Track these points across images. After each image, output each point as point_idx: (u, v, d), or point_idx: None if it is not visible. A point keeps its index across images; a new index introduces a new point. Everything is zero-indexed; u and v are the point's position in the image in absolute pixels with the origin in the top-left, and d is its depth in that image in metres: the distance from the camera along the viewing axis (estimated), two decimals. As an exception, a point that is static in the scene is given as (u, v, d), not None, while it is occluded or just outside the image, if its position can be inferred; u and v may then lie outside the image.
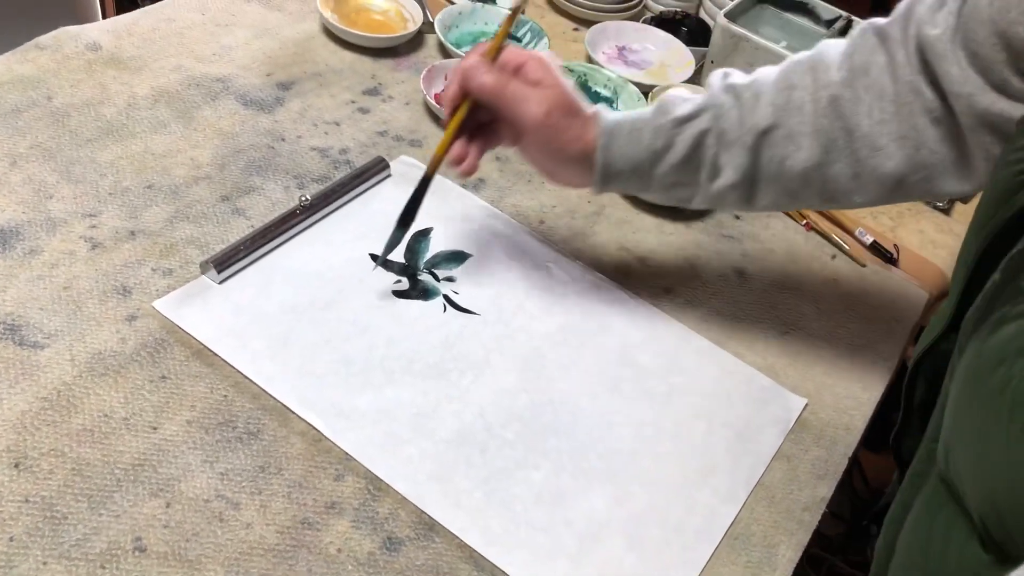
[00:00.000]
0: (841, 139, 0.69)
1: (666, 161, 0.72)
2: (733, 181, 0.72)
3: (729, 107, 0.71)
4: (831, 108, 0.69)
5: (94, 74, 0.93)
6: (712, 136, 0.71)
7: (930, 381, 0.69)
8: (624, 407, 0.75)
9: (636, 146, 0.72)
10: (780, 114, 0.70)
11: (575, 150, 0.72)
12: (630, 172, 0.73)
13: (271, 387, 0.69)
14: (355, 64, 1.04)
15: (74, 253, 0.75)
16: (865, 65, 0.68)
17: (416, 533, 0.64)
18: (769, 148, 0.70)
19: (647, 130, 0.71)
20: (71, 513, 0.60)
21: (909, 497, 0.62)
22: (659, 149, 0.71)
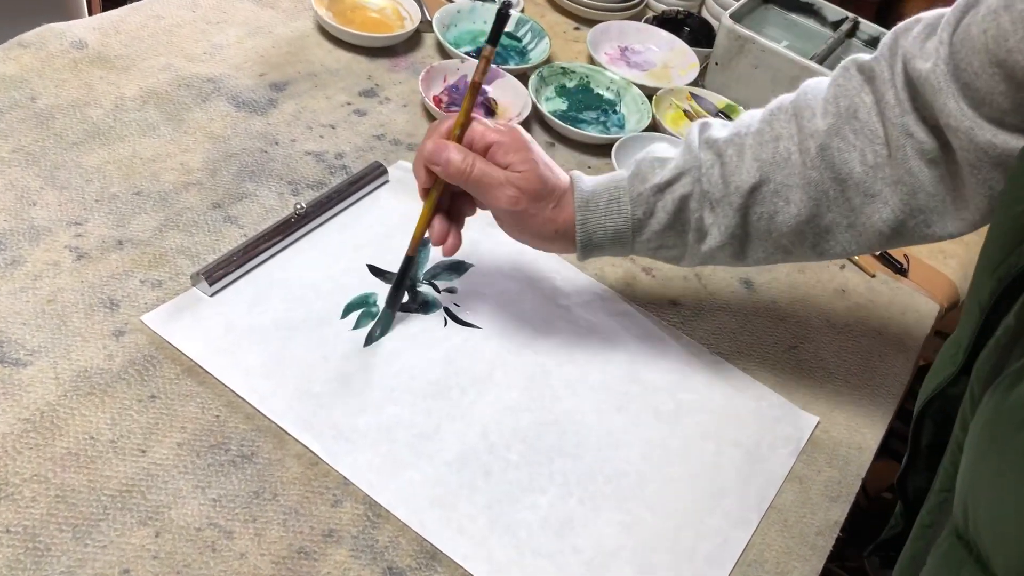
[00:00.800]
0: (832, 190, 0.66)
1: (648, 228, 0.69)
2: (722, 242, 0.69)
3: (710, 166, 0.67)
4: (820, 158, 0.65)
5: (80, 74, 0.89)
6: (694, 200, 0.68)
7: (938, 423, 0.66)
8: (631, 426, 0.72)
9: (615, 216, 0.69)
10: (766, 169, 0.66)
11: (550, 231, 0.70)
12: (612, 242, 0.70)
13: (266, 407, 0.66)
14: (351, 64, 1.01)
15: (58, 264, 0.72)
16: (852, 108, 0.64)
17: (417, 563, 0.61)
18: (758, 205, 0.67)
19: (625, 200, 0.69)
20: (55, 544, 0.57)
21: (919, 550, 0.60)
22: (640, 217, 0.69)
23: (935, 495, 0.59)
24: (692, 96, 1.07)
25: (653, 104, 1.02)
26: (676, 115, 1.05)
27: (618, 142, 0.94)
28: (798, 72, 1.06)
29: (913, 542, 0.61)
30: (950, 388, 0.62)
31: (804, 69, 1.05)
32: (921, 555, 0.57)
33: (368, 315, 0.75)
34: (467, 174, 0.66)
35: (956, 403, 0.62)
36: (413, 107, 0.97)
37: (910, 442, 0.68)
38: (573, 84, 1.05)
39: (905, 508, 0.71)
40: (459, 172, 0.66)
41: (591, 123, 1.01)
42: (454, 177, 0.67)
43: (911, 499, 0.70)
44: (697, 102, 1.06)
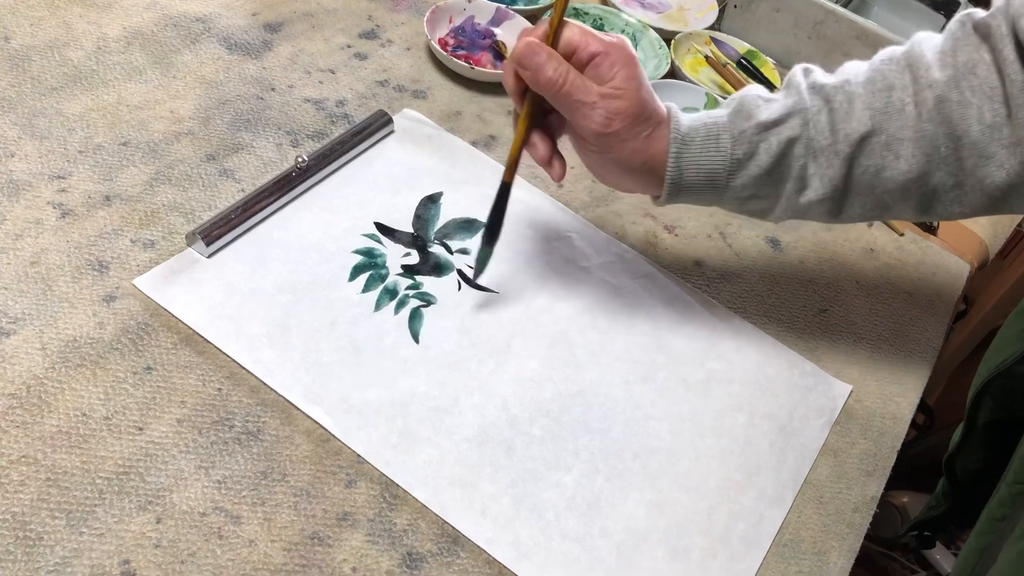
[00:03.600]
0: (945, 147, 0.59)
1: (747, 172, 0.62)
2: (822, 195, 0.62)
3: (818, 110, 0.61)
4: (937, 111, 0.59)
5: (57, 11, 0.82)
6: (801, 145, 0.61)
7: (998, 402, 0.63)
8: (659, 399, 0.68)
9: (713, 155, 0.61)
10: (879, 119, 0.60)
11: (637, 163, 0.62)
12: (704, 184, 0.63)
13: (271, 379, 0.62)
14: (350, 3, 0.94)
15: (41, 222, 0.66)
16: (971, 63, 0.58)
17: (439, 547, 0.57)
18: (865, 158, 0.60)
19: (725, 136, 0.61)
20: (47, 532, 0.52)
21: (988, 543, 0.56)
22: (740, 158, 0.61)
23: (1008, 487, 0.56)
24: (712, 41, 1.01)
25: (671, 49, 0.96)
26: (696, 61, 1.00)
27: (637, 90, 0.88)
28: (823, 16, 1.00)
29: (980, 535, 0.57)
30: (1018, 366, 0.58)
31: (829, 13, 1.00)
32: (991, 550, 0.54)
33: (377, 277, 0.70)
34: (559, 85, 0.59)
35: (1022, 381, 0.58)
36: (417, 50, 0.91)
37: (966, 420, 0.64)
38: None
39: (951, 488, 0.68)
40: (550, 82, 0.59)
41: (606, 69, 0.95)
42: (544, 87, 0.59)
43: (959, 478, 0.67)
44: (718, 47, 1.00)
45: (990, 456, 0.66)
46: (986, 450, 0.66)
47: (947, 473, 0.68)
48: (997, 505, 0.57)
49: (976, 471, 0.68)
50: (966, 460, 0.67)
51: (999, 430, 0.64)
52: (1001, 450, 0.62)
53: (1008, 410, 0.62)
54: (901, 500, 1.51)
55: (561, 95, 0.59)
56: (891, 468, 0.70)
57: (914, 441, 1.58)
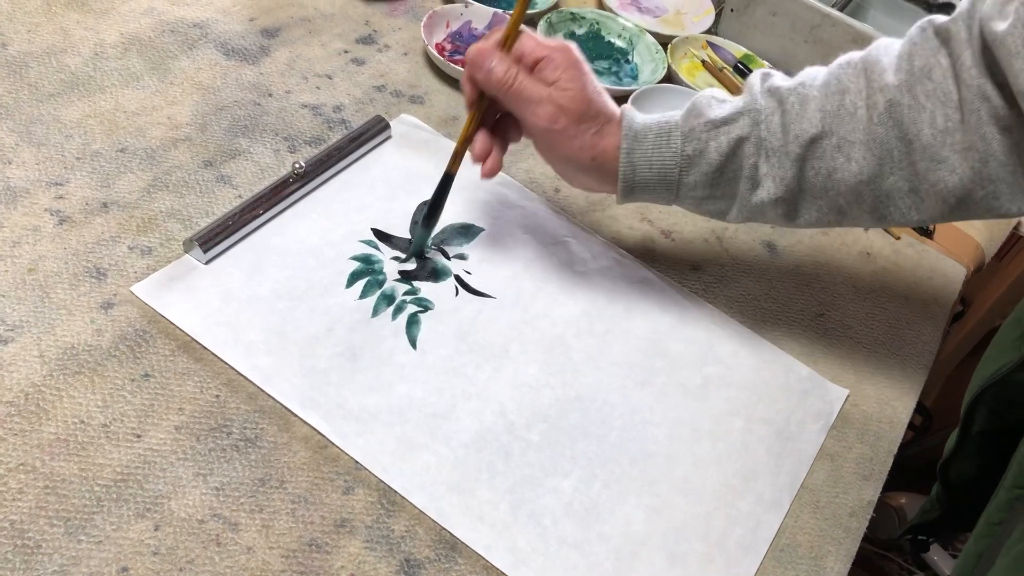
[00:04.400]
0: (897, 150, 0.60)
1: (698, 169, 0.64)
2: (775, 195, 0.63)
3: (771, 112, 0.62)
4: (888, 115, 0.60)
5: (54, 18, 0.82)
6: (751, 144, 0.63)
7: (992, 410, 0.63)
8: (657, 403, 0.68)
9: (664, 151, 0.64)
10: (830, 121, 0.61)
11: (585, 159, 0.65)
12: (657, 181, 0.65)
13: (269, 386, 0.62)
14: (346, 8, 0.94)
15: (39, 229, 0.66)
16: (927, 68, 0.59)
17: (436, 554, 0.57)
18: (817, 159, 0.62)
19: (676, 134, 0.64)
20: (45, 540, 0.52)
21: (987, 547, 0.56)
22: (690, 155, 0.63)
23: (1006, 491, 0.56)
24: (708, 45, 1.01)
25: (668, 53, 0.96)
26: (692, 65, 1.00)
27: (634, 94, 0.89)
28: (819, 20, 1.01)
29: (978, 539, 0.57)
30: (1013, 375, 0.58)
31: (825, 17, 1.00)
32: (989, 554, 0.54)
33: (375, 283, 0.70)
34: (507, 85, 0.63)
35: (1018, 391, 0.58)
36: (415, 56, 0.91)
37: (960, 427, 0.64)
38: (583, 31, 0.99)
39: (945, 494, 0.68)
40: (500, 82, 0.63)
41: (603, 74, 0.96)
42: (495, 87, 0.63)
43: (953, 483, 0.68)
44: (714, 51, 1.00)
45: (985, 463, 0.66)
46: (981, 457, 0.66)
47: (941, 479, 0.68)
48: (995, 510, 0.57)
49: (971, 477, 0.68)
50: (961, 467, 0.67)
51: (994, 437, 0.65)
52: (996, 457, 0.62)
53: (1003, 418, 0.63)
54: (899, 501, 1.51)
55: (511, 93, 0.63)
56: (888, 472, 0.70)
57: (912, 442, 1.58)
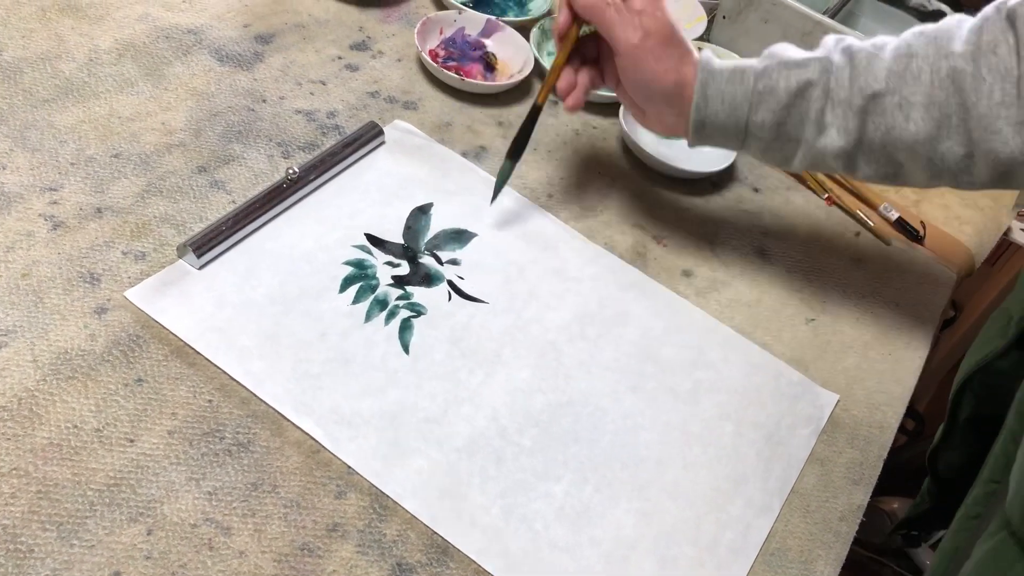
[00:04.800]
0: (956, 116, 0.62)
1: (767, 105, 0.66)
2: (838, 145, 0.66)
3: (841, 65, 0.65)
4: (950, 81, 0.62)
5: (49, 24, 0.83)
6: (819, 89, 0.65)
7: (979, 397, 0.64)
8: (648, 408, 0.69)
9: (737, 86, 0.67)
10: (894, 80, 0.64)
11: (668, 82, 0.68)
12: (727, 116, 0.68)
13: (262, 391, 0.62)
14: (340, 14, 0.95)
15: (33, 234, 0.67)
16: (993, 43, 0.61)
17: (428, 558, 0.58)
18: (878, 115, 0.64)
19: (750, 72, 0.67)
20: (38, 544, 0.52)
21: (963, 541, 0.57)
22: (761, 91, 0.66)
23: (982, 485, 0.57)
24: (700, 52, 1.02)
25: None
26: (684, 72, 1.00)
27: (626, 101, 0.89)
28: (811, 27, 1.01)
29: (955, 534, 0.58)
30: (997, 361, 0.59)
31: (817, 24, 1.00)
32: (965, 547, 0.55)
33: (368, 288, 0.70)
34: (602, 7, 0.68)
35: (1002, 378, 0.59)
36: (408, 62, 0.92)
37: (947, 416, 0.65)
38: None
39: (935, 486, 0.69)
40: (595, 4, 0.68)
41: (595, 80, 0.96)
42: (590, 8, 0.69)
43: (942, 475, 0.68)
44: (706, 58, 1.01)
45: (970, 452, 0.67)
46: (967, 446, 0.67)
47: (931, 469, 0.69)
48: (972, 503, 0.58)
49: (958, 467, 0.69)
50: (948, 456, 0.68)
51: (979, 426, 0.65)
52: (980, 446, 0.63)
53: (988, 405, 0.64)
54: (891, 506, 1.51)
55: (606, 14, 0.68)
56: (878, 477, 0.71)
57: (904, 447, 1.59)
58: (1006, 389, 0.61)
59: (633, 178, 0.88)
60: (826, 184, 0.92)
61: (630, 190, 0.86)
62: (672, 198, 0.87)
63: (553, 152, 0.87)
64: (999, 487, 0.55)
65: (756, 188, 0.91)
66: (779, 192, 0.92)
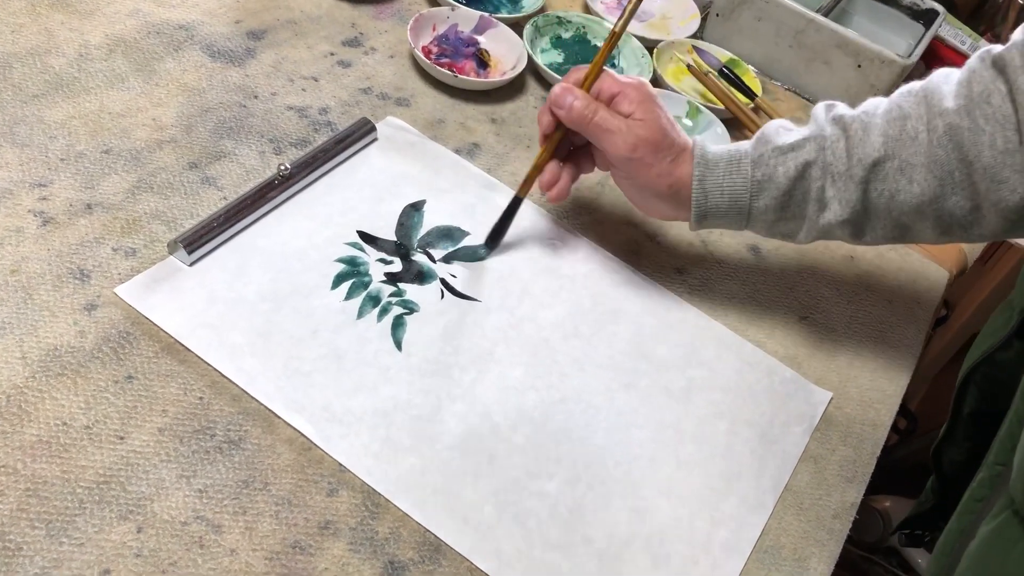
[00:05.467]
0: (958, 172, 0.62)
1: (767, 193, 0.67)
2: (842, 217, 0.66)
3: (836, 139, 0.66)
4: (947, 138, 0.62)
5: (38, 18, 0.82)
6: (817, 168, 0.66)
7: (983, 391, 0.64)
8: (641, 406, 0.69)
9: (735, 177, 0.67)
10: (892, 145, 0.64)
11: (664, 186, 0.69)
12: (728, 206, 0.68)
13: (253, 388, 0.62)
14: (333, 11, 0.94)
15: (22, 230, 0.66)
16: (985, 94, 0.61)
17: (420, 556, 0.57)
18: (880, 182, 0.65)
19: (746, 161, 0.67)
20: (27, 542, 0.52)
21: (968, 523, 0.57)
22: (760, 179, 0.67)
23: (988, 468, 0.58)
24: (694, 49, 1.02)
25: (654, 57, 0.96)
26: (678, 69, 1.00)
27: (619, 99, 0.89)
28: (803, 25, 1.01)
29: (961, 516, 0.59)
30: (1000, 353, 0.60)
31: (810, 22, 1.01)
32: (970, 529, 0.55)
33: (360, 285, 0.70)
34: (588, 119, 0.67)
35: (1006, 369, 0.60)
36: (401, 58, 0.91)
37: (951, 411, 0.66)
38: (569, 35, 0.99)
39: (939, 482, 0.69)
40: (581, 116, 0.68)
41: (589, 77, 0.96)
42: (576, 121, 0.68)
43: (947, 472, 0.68)
44: (699, 55, 1.01)
45: (974, 447, 0.67)
46: (970, 441, 0.67)
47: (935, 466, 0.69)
48: (978, 486, 0.58)
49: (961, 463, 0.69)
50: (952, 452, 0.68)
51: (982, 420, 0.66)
52: (984, 441, 0.63)
53: (992, 400, 0.64)
54: (884, 504, 1.51)
55: (591, 126, 0.68)
56: (871, 474, 0.71)
57: (897, 446, 1.59)
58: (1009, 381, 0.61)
59: (626, 175, 0.88)
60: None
61: (623, 187, 0.86)
62: (665, 196, 0.87)
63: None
64: (1004, 470, 0.56)
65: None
66: (772, 190, 0.92)
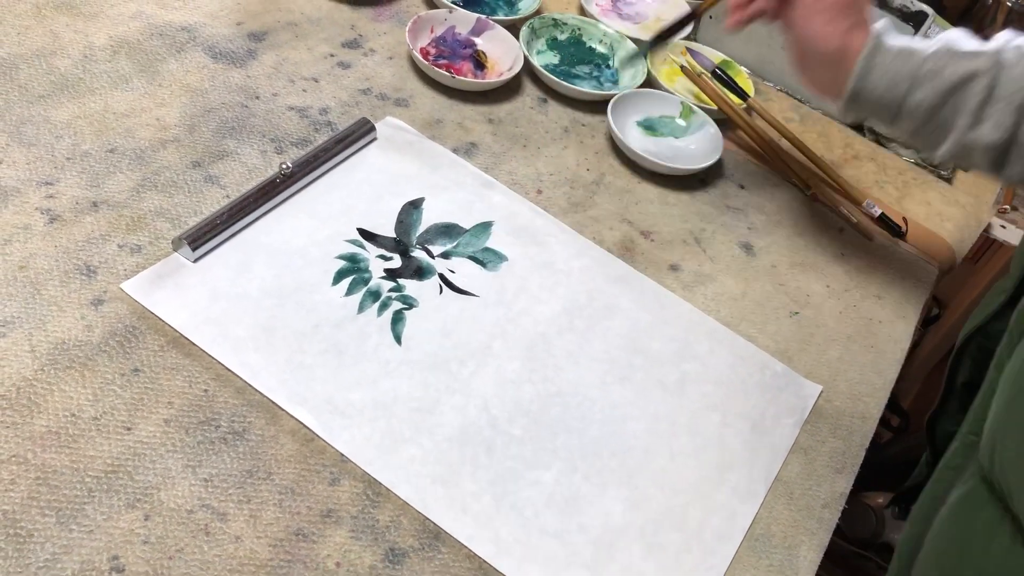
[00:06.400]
0: None
1: (927, 87, 0.66)
2: (991, 140, 0.65)
3: (1012, 63, 0.65)
4: None
5: (44, 20, 0.83)
6: (983, 81, 0.65)
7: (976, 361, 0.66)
8: (636, 398, 0.70)
9: (902, 65, 0.67)
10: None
11: (831, 46, 0.68)
12: (884, 90, 0.67)
13: (257, 381, 0.63)
14: (332, 13, 0.96)
15: (30, 227, 0.68)
16: None
17: (420, 543, 0.59)
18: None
19: (919, 54, 0.67)
20: (37, 529, 0.53)
21: (941, 490, 0.60)
22: (925, 73, 0.66)
23: (962, 438, 0.60)
24: (688, 51, 1.03)
25: (648, 59, 0.98)
26: (672, 71, 1.02)
27: (614, 98, 0.91)
28: (795, 27, 1.02)
29: (935, 484, 0.61)
30: (993, 323, 0.62)
31: (802, 24, 1.02)
32: (943, 496, 0.58)
33: (360, 280, 0.71)
34: None
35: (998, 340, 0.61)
36: (399, 59, 0.93)
37: (945, 381, 0.68)
38: (565, 37, 1.01)
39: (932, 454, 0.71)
40: None
41: (584, 78, 0.98)
42: None
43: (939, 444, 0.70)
44: (693, 57, 1.03)
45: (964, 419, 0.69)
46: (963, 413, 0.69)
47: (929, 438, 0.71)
48: (952, 455, 0.60)
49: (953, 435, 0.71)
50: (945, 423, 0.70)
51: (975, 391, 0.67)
52: None
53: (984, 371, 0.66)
54: (877, 501, 1.53)
55: None
56: (860, 465, 0.73)
57: (889, 443, 1.61)
58: None
59: (621, 174, 0.89)
60: (810, 180, 0.94)
61: (618, 186, 0.88)
62: (659, 194, 0.89)
63: (543, 148, 0.89)
64: (976, 439, 0.57)
65: (742, 185, 0.93)
66: (765, 188, 0.93)
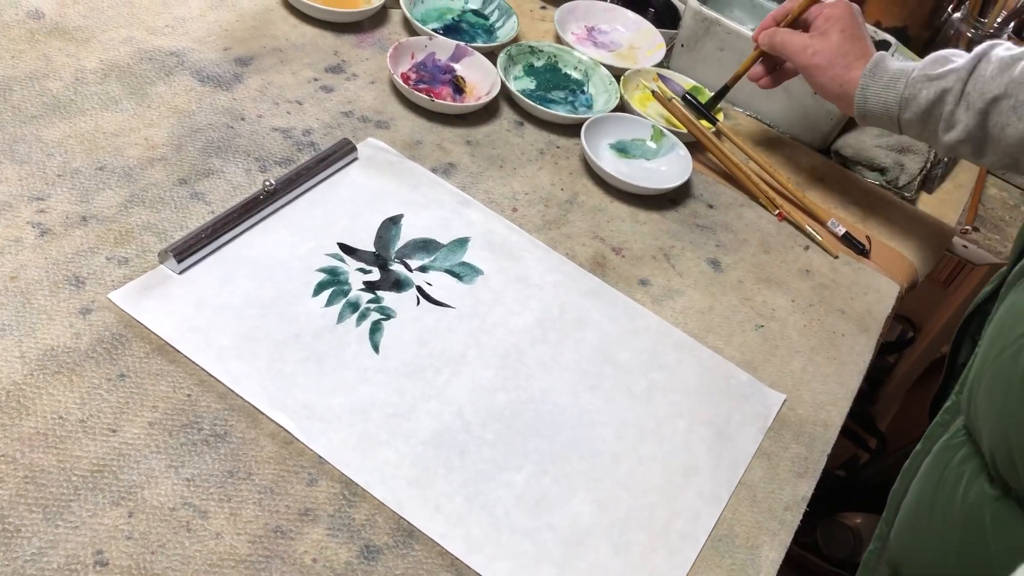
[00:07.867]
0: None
1: (911, 110, 0.85)
2: (961, 138, 0.83)
3: (976, 75, 0.81)
4: None
5: (37, 45, 0.87)
6: (952, 96, 0.83)
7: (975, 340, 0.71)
8: (605, 406, 0.73)
9: (891, 92, 0.86)
10: (1013, 86, 0.79)
11: (835, 87, 0.89)
12: (882, 112, 0.87)
13: (239, 387, 0.66)
14: (316, 39, 0.99)
15: (21, 240, 0.70)
16: None
17: (395, 541, 0.61)
18: (996, 115, 0.81)
19: (903, 80, 0.85)
20: (24, 525, 0.56)
21: (930, 444, 0.65)
22: (907, 98, 0.85)
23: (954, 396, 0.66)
24: (659, 77, 1.07)
25: (621, 85, 1.02)
26: (644, 96, 1.06)
27: (587, 122, 0.95)
28: (763, 55, 1.07)
29: (926, 440, 0.67)
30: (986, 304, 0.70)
31: (769, 52, 1.06)
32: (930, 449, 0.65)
33: (340, 292, 0.74)
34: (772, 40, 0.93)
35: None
36: (381, 84, 0.96)
37: (947, 362, 0.74)
38: (541, 63, 1.05)
39: None
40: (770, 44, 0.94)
41: (560, 103, 1.01)
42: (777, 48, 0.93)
43: None
44: (664, 83, 1.06)
45: None
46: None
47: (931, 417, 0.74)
48: (943, 412, 0.67)
49: None
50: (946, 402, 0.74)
51: None
52: None
53: None
54: (855, 521, 1.55)
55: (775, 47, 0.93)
56: (822, 470, 0.75)
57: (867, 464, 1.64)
58: None
59: (594, 194, 0.93)
60: (777, 201, 0.98)
61: (591, 205, 0.91)
62: (631, 212, 0.92)
63: (519, 169, 0.92)
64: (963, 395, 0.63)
65: (711, 204, 0.96)
66: (732, 208, 0.97)
